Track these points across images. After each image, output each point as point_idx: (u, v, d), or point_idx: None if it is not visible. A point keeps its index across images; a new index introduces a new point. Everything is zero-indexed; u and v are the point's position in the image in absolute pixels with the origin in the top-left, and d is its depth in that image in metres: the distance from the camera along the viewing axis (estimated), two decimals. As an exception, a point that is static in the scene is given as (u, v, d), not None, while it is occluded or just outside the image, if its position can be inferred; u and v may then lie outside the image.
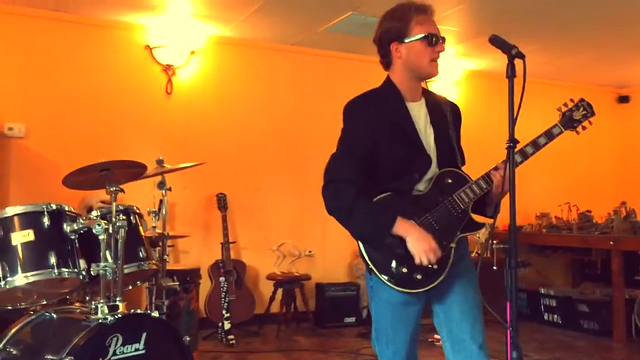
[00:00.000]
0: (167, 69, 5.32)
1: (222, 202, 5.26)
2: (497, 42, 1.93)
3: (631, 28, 5.19)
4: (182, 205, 5.29)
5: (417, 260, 1.99)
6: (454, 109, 2.30)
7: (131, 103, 5.22)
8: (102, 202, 4.34)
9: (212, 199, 5.32)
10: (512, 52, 1.88)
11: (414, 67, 2.14)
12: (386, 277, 2.04)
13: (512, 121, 1.86)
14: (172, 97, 5.36)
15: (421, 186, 2.13)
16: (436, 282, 2.06)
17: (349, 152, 2.11)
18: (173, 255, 5.19)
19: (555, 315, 5.73)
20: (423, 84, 2.27)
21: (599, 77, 7.04)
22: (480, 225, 2.17)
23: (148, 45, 5.26)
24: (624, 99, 7.56)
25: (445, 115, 2.23)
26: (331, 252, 5.79)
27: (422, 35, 2.10)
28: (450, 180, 2.14)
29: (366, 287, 2.22)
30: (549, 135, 2.18)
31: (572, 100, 2.27)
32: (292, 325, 5.41)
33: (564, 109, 2.24)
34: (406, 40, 2.11)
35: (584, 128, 2.26)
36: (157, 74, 5.32)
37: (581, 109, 2.23)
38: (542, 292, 5.88)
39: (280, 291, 5.30)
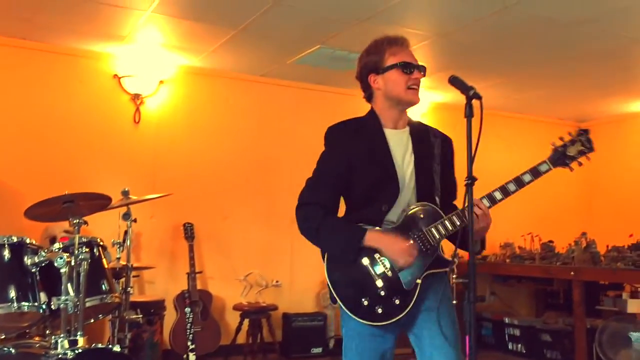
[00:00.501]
0: (136, 98, 5.30)
1: (189, 232, 5.22)
2: (455, 83, 1.98)
3: (589, 65, 5.38)
4: (148, 235, 5.24)
5: (399, 264, 2.03)
6: (445, 141, 2.28)
7: (98, 132, 5.18)
8: (66, 231, 4.28)
9: (179, 228, 5.28)
10: (469, 93, 1.93)
11: (392, 96, 2.19)
12: (348, 309, 2.07)
13: (470, 160, 1.90)
14: (140, 127, 5.34)
15: (393, 217, 2.13)
16: (399, 317, 2.05)
17: (322, 176, 2.17)
18: (138, 285, 5.13)
19: (519, 345, 5.80)
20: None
21: (559, 110, 7.25)
22: (450, 263, 2.14)
23: (116, 75, 5.25)
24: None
25: (432, 147, 2.22)
26: (299, 282, 5.79)
27: (396, 64, 2.16)
28: (422, 215, 2.11)
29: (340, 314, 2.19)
30: (536, 172, 2.11)
31: (570, 134, 2.12)
32: (258, 357, 5.35)
33: (558, 143, 2.12)
34: (382, 71, 2.18)
35: (580, 164, 2.10)
36: (125, 103, 5.30)
37: (578, 144, 2.10)
38: (507, 321, 5.95)
39: (246, 322, 5.25)
